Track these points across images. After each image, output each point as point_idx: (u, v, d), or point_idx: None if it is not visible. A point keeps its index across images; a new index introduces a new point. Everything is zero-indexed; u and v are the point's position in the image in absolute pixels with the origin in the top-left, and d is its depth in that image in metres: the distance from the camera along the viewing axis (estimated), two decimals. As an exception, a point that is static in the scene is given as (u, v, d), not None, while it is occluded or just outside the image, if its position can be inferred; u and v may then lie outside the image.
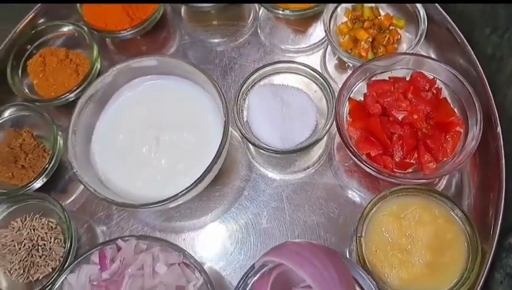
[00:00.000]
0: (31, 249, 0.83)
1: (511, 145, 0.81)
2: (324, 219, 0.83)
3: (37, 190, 0.88)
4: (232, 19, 1.02)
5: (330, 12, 0.90)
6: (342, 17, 0.94)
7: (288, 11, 0.92)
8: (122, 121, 0.87)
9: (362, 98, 0.84)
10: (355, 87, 0.83)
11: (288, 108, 0.84)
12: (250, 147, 0.91)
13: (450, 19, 0.90)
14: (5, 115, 0.94)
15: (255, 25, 1.01)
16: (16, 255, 0.82)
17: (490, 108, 0.83)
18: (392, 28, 0.89)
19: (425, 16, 0.87)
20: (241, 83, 0.86)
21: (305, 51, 0.98)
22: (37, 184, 0.87)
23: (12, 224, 0.85)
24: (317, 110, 0.85)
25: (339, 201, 0.84)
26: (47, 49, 0.98)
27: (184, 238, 0.85)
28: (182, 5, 1.04)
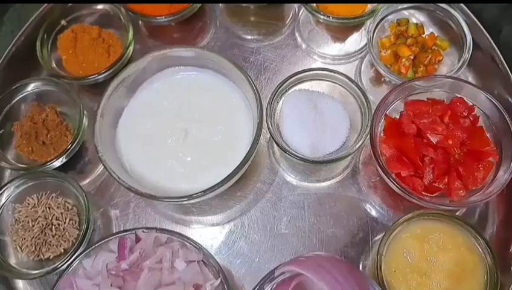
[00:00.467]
0: (45, 228, 0.82)
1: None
2: (343, 232, 0.82)
3: (55, 168, 0.86)
4: (270, 18, 1.00)
5: (376, 23, 0.89)
6: (385, 30, 0.92)
7: (331, 17, 0.90)
8: (151, 109, 0.85)
9: (397, 116, 0.83)
10: (392, 105, 0.82)
11: (321, 116, 0.82)
12: (276, 150, 0.89)
13: (495, 46, 0.89)
14: (29, 88, 0.91)
15: (293, 26, 0.99)
16: (29, 231, 0.81)
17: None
18: (434, 48, 0.88)
19: (472, 42, 0.85)
20: (277, 85, 0.84)
21: (342, 59, 0.96)
22: (57, 163, 0.86)
23: (28, 200, 0.84)
24: (350, 122, 0.84)
25: (360, 216, 0.84)
26: (79, 25, 0.96)
27: (201, 235, 0.84)
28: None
